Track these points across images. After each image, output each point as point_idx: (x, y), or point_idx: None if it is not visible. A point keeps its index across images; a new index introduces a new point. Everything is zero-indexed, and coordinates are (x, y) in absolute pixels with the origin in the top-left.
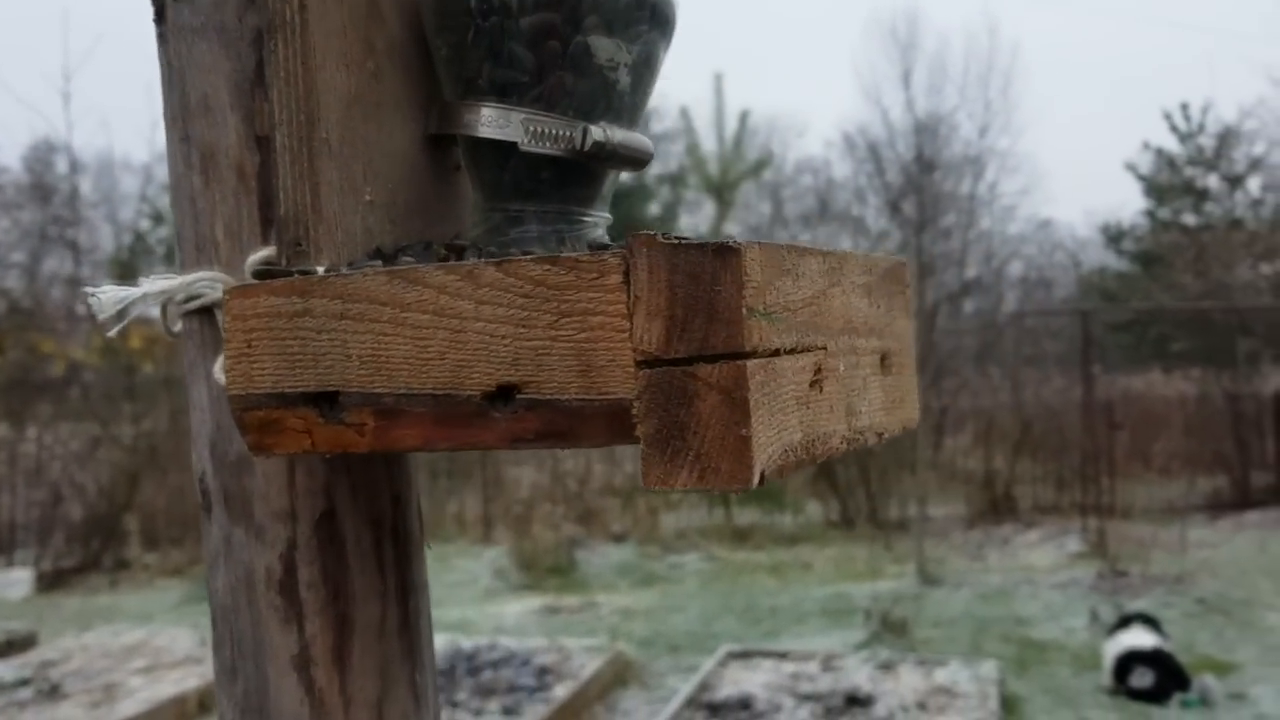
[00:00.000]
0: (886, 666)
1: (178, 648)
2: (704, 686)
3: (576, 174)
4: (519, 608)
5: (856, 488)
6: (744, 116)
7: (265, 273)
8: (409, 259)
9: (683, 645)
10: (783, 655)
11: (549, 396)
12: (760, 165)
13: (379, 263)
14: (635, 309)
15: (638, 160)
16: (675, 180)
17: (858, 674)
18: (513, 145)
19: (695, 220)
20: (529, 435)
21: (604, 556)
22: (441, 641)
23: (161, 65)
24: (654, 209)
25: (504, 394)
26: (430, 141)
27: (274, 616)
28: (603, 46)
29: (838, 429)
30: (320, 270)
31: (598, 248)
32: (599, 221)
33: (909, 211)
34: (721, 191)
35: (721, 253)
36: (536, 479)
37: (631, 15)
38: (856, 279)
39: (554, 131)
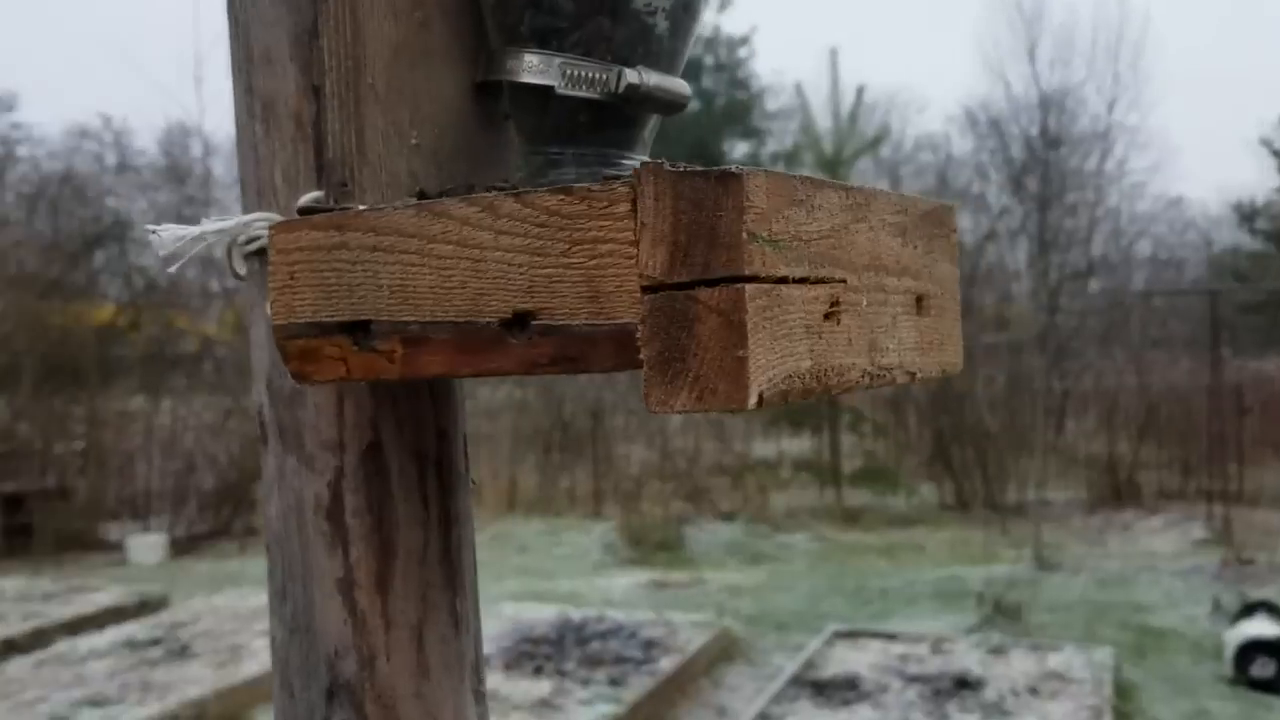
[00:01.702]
0: (998, 651)
1: None
2: (810, 665)
3: (614, 117)
4: (627, 582)
5: (973, 470)
6: (860, 92)
7: (309, 209)
8: (451, 199)
9: (789, 624)
10: (891, 637)
11: (561, 322)
12: (875, 142)
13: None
14: (641, 235)
15: (673, 103)
16: (789, 158)
17: (968, 657)
18: (552, 90)
19: None
20: (543, 360)
21: (712, 534)
22: (550, 612)
23: (229, 20)
24: None
25: (520, 321)
26: (478, 89)
27: (321, 541)
28: None
29: (857, 362)
30: (362, 207)
31: (613, 179)
32: (638, 165)
33: (1032, 188)
34: (835, 169)
35: (724, 179)
36: (646, 456)
37: None
38: (888, 217)
39: (590, 75)
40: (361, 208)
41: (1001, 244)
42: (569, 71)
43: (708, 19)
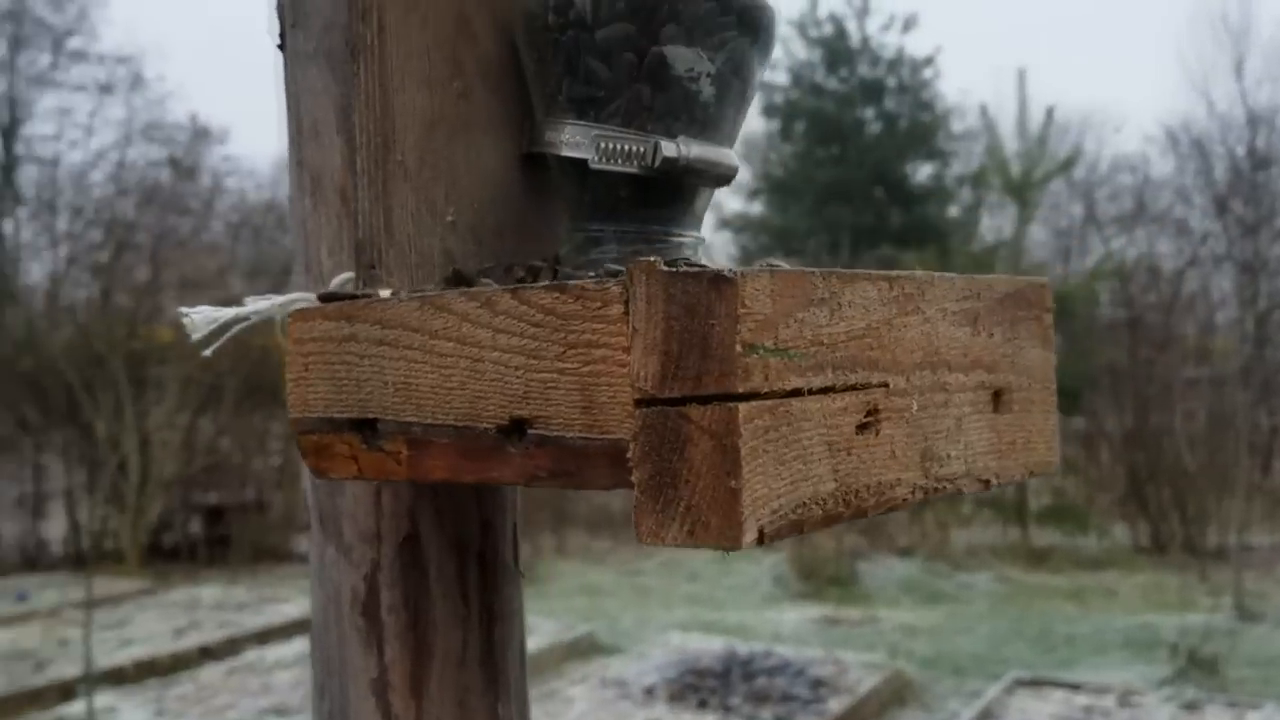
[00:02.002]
0: (1191, 707)
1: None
2: (987, 713)
3: (657, 191)
4: (797, 616)
5: (1169, 510)
6: (1049, 112)
7: (329, 296)
8: (488, 281)
9: (968, 668)
10: (1076, 687)
11: (555, 433)
12: (1067, 164)
13: (451, 286)
14: (634, 342)
15: (720, 176)
16: (976, 180)
17: (1158, 712)
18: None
19: (998, 222)
20: (542, 473)
21: (888, 570)
22: (718, 645)
23: (285, 89)
24: (954, 211)
25: (517, 428)
26: (527, 160)
27: (356, 638)
28: (681, 56)
29: (904, 477)
30: (385, 294)
31: (611, 274)
32: (687, 241)
33: (1238, 211)
34: (1022, 192)
35: (716, 283)
36: None
37: (714, 22)
38: (950, 305)
39: (625, 148)
40: (384, 294)
41: (1204, 271)
42: (603, 144)
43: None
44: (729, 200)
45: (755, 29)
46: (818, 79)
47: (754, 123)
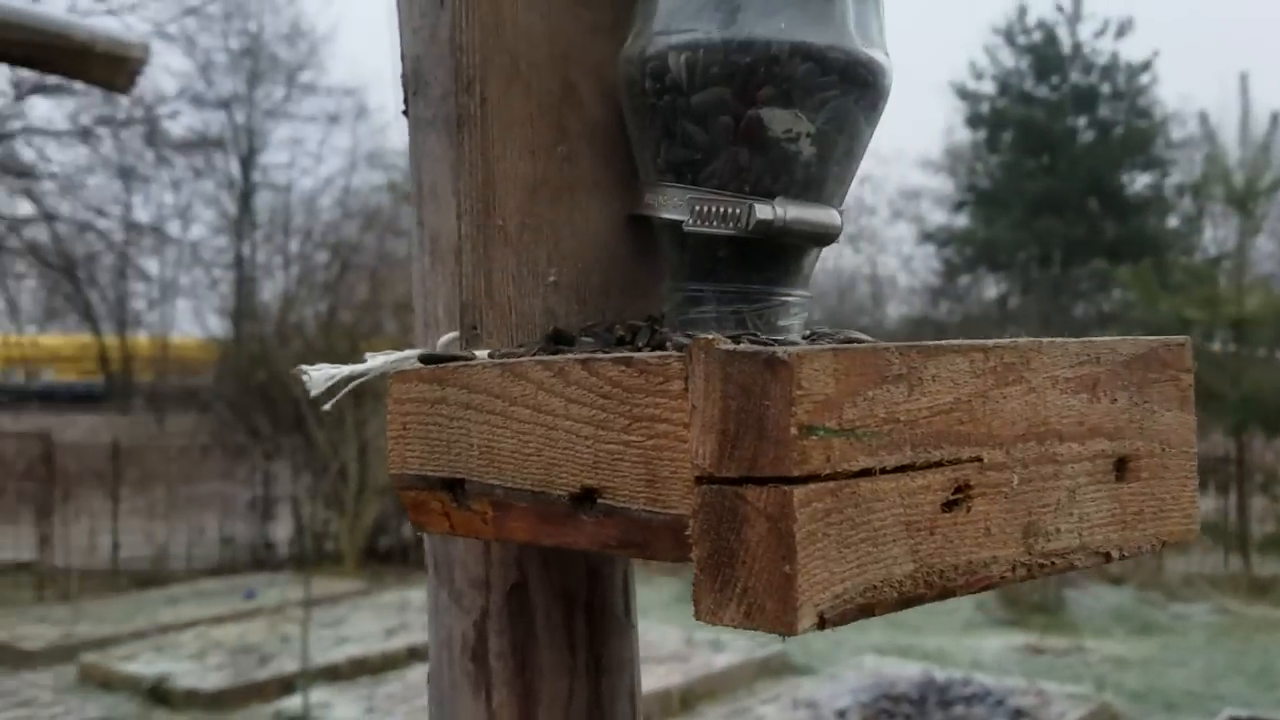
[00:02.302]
0: None
1: (667, 643)
2: None
3: (757, 253)
4: (999, 644)
5: None
6: (1275, 118)
7: (428, 358)
8: (588, 340)
9: (1180, 704)
10: None
11: (622, 504)
12: None
13: (551, 344)
14: (693, 419)
15: (819, 236)
16: (1197, 190)
17: None
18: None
19: (1221, 234)
20: (612, 542)
21: (1097, 598)
22: (915, 670)
23: (410, 152)
24: (1173, 222)
25: (588, 497)
26: (633, 221)
27: (466, 682)
28: (778, 118)
29: (1002, 554)
30: (482, 354)
31: (678, 347)
32: (791, 300)
33: None
34: (1246, 202)
35: (771, 364)
36: None
37: (813, 82)
38: (1061, 372)
39: (720, 210)
40: (480, 354)
41: None
42: (698, 207)
43: (1104, 46)
44: (932, 213)
45: (860, 85)
46: (1026, 87)
47: (959, 133)
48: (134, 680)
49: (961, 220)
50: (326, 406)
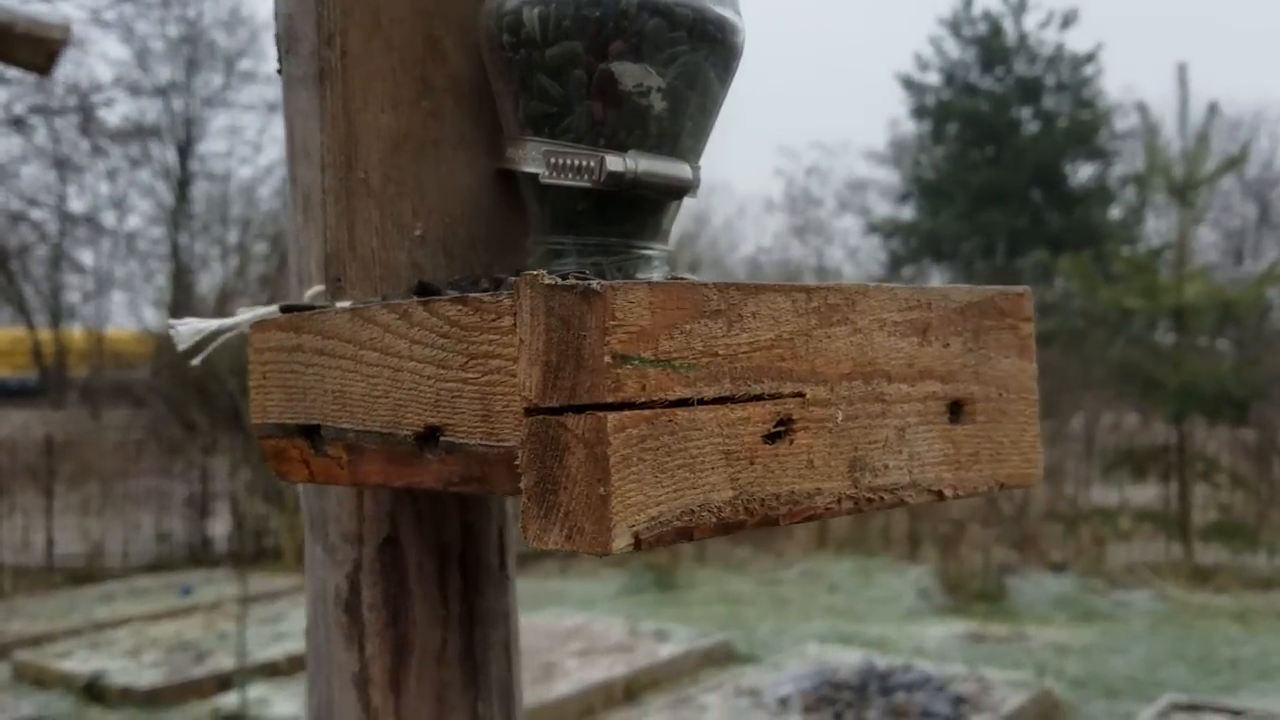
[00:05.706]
0: None
1: (611, 634)
2: None
3: (614, 205)
4: (941, 631)
5: None
6: (1211, 109)
7: (288, 308)
8: (453, 292)
9: (1121, 690)
10: (1237, 713)
11: (461, 441)
12: (1231, 163)
13: (412, 296)
14: (520, 352)
15: (672, 189)
16: (1138, 181)
17: None
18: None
19: (1163, 225)
20: (455, 479)
21: (1039, 586)
22: (856, 658)
23: (284, 111)
24: (1116, 213)
25: (431, 435)
26: (501, 176)
27: (339, 634)
28: (629, 72)
29: (827, 486)
30: (343, 305)
31: (510, 287)
32: (651, 254)
33: None
34: (1185, 192)
35: (586, 296)
36: (971, 499)
37: (662, 37)
38: (889, 315)
39: (573, 163)
40: (342, 305)
41: None
42: (553, 160)
43: (1049, 37)
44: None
45: (710, 42)
46: (971, 78)
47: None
48: (68, 678)
49: (907, 212)
50: (195, 361)
